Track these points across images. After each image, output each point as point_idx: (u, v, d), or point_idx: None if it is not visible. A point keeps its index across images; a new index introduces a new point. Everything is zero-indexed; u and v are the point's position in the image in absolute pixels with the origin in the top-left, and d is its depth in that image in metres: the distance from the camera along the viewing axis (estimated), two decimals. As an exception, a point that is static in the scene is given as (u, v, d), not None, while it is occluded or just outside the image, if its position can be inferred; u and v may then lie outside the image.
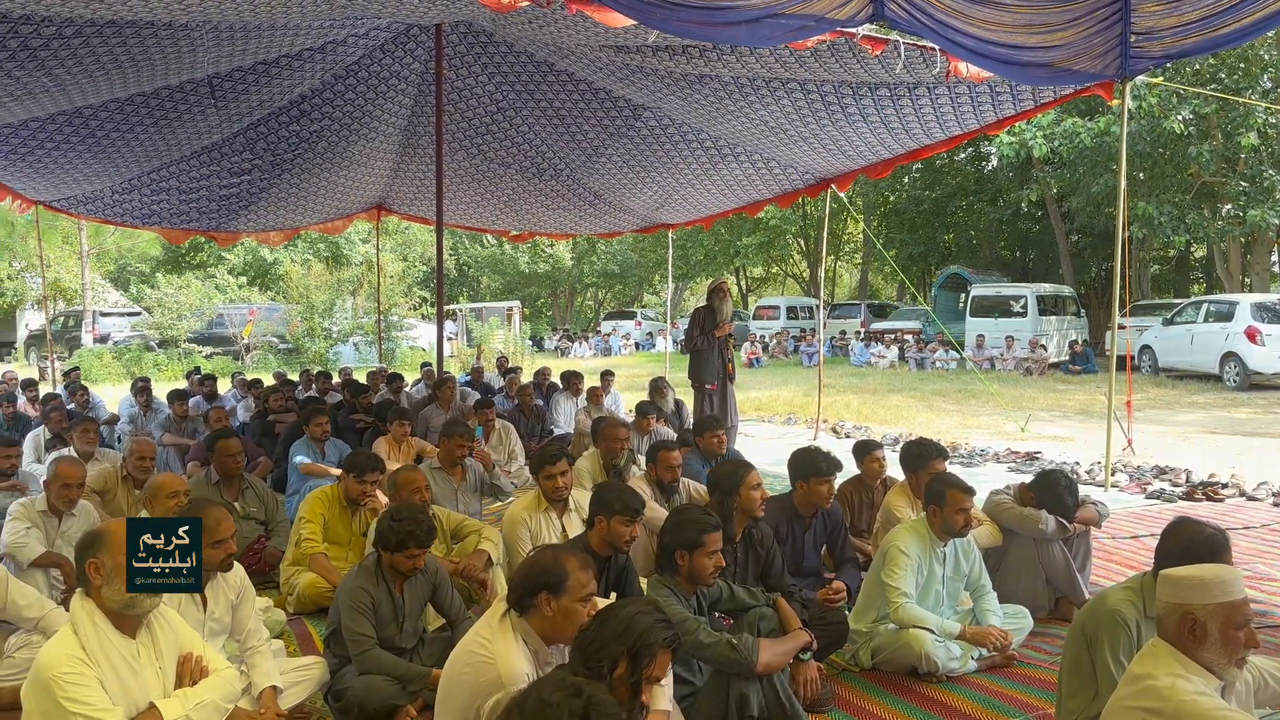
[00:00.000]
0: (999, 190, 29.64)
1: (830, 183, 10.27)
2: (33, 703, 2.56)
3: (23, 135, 8.23)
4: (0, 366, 22.55)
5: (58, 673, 2.52)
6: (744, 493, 4.22)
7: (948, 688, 3.94)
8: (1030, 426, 11.94)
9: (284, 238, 14.91)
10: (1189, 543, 2.98)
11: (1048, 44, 5.78)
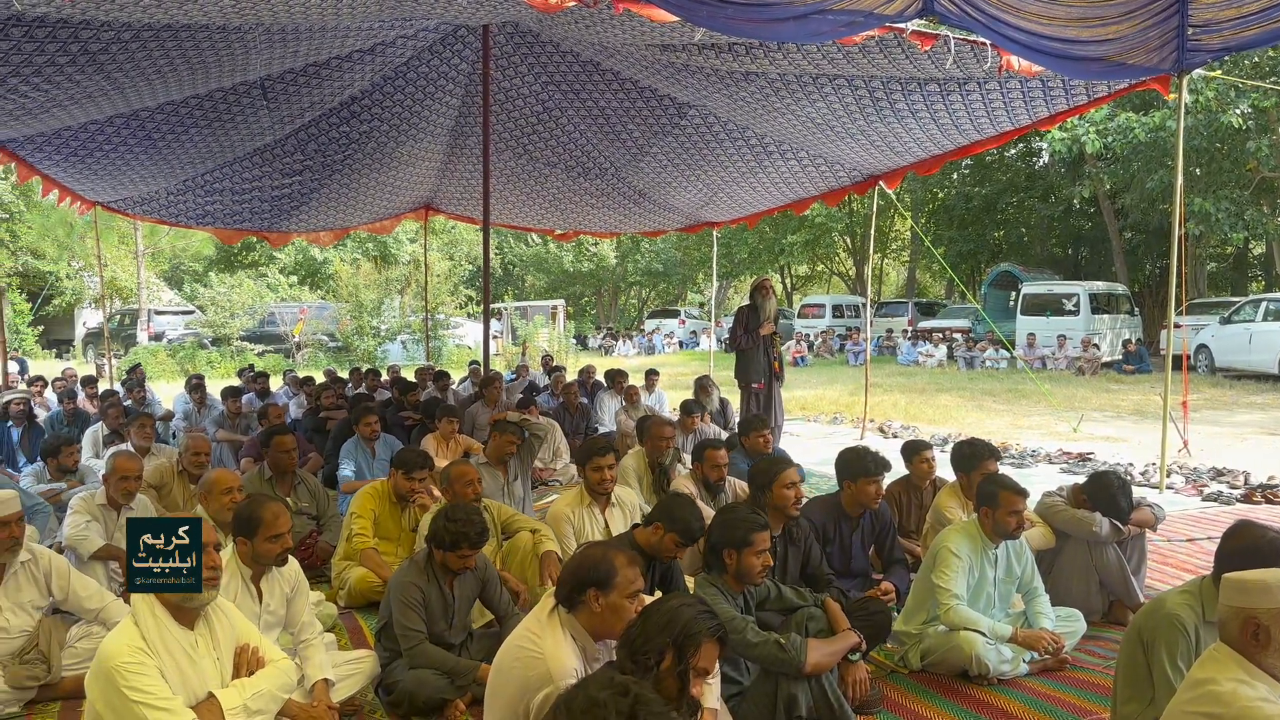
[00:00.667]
0: (1050, 186, 29.15)
1: (878, 179, 10.17)
2: (96, 691, 2.63)
3: (82, 138, 8.43)
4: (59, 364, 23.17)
5: (120, 662, 2.58)
6: (776, 490, 4.18)
7: (998, 690, 3.89)
8: (1083, 427, 11.74)
9: (334, 238, 15.12)
10: (1252, 546, 2.91)
11: (1102, 37, 5.67)
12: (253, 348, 26.31)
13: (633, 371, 11.82)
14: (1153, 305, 26.26)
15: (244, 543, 3.44)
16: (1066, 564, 4.74)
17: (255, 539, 3.41)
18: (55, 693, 3.83)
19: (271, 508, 3.47)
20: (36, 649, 3.80)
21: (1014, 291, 25.07)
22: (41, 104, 6.99)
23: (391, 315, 28.54)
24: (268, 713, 2.84)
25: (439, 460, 6.66)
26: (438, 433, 7.59)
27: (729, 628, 3.25)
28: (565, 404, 10.48)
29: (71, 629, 4.01)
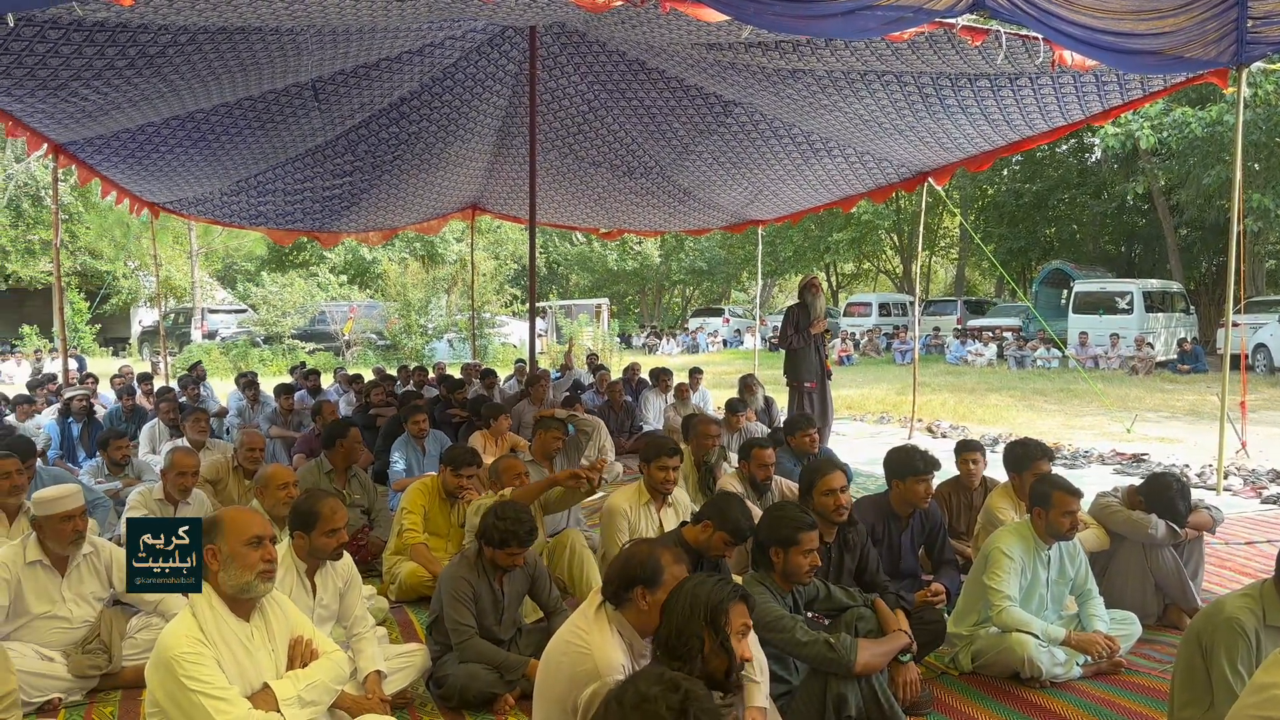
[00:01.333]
0: (1103, 183, 28.62)
1: (927, 176, 10.06)
2: (155, 681, 2.69)
3: (139, 140, 8.63)
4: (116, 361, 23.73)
5: (178, 653, 2.64)
6: (816, 496, 4.12)
7: (1051, 693, 3.83)
8: (1136, 428, 11.51)
9: (383, 237, 15.31)
10: None
11: (1158, 31, 5.56)
12: (304, 346, 26.72)
13: (677, 370, 11.82)
14: (1209, 303, 25.68)
15: (301, 537, 3.50)
16: (1121, 566, 4.66)
17: (313, 534, 3.47)
18: (116, 682, 3.93)
19: (329, 503, 3.52)
20: (98, 639, 3.90)
21: (1065, 289, 24.65)
22: (101, 106, 7.17)
23: (438, 314, 28.82)
24: (321, 704, 2.89)
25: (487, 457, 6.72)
26: (490, 430, 7.65)
27: (777, 627, 3.25)
28: (610, 402, 10.51)
29: (131, 620, 4.11)
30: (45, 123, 7.43)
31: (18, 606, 3.77)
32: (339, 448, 5.90)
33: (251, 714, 2.66)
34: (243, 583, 2.81)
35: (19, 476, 4.56)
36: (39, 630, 3.80)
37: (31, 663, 3.67)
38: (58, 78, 6.30)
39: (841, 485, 4.16)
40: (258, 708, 2.70)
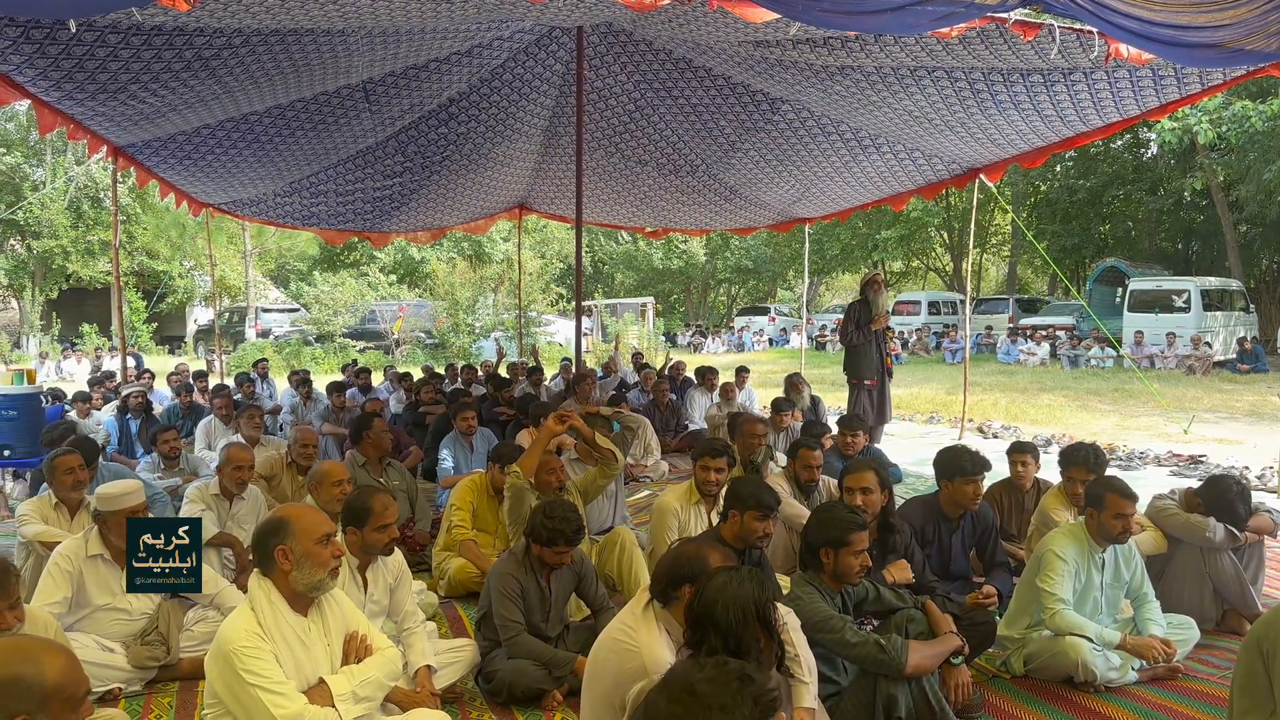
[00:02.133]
0: (1159, 178, 28.01)
1: (979, 172, 9.91)
2: (215, 673, 2.75)
3: (195, 142, 8.80)
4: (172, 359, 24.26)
5: (238, 646, 2.70)
6: (843, 494, 4.12)
7: (1106, 698, 3.77)
8: (1194, 428, 11.26)
9: (432, 237, 15.45)
10: None
11: (1218, 23, 5.42)
12: (354, 344, 27.10)
13: (722, 369, 11.79)
14: (1269, 302, 25.05)
15: (354, 532, 3.55)
16: (1179, 570, 4.56)
17: (365, 529, 3.53)
18: (174, 673, 4.02)
19: (381, 498, 3.58)
20: (156, 631, 4.00)
21: (1120, 287, 24.19)
22: (158, 108, 7.33)
23: (485, 313, 29.06)
24: (374, 699, 2.93)
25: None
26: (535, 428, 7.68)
27: (826, 627, 3.23)
28: (655, 401, 10.52)
29: (189, 613, 4.20)
30: (105, 125, 7.60)
31: (80, 598, 3.88)
32: (366, 439, 6.03)
33: (307, 709, 2.70)
34: (316, 580, 2.87)
35: (82, 472, 4.69)
36: (100, 622, 3.91)
37: (93, 653, 3.76)
38: (117, 80, 6.44)
39: (866, 485, 4.13)
40: (313, 702, 2.74)
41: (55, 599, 3.76)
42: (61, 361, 24.45)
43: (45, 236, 32.38)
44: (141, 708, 3.81)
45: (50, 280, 33.93)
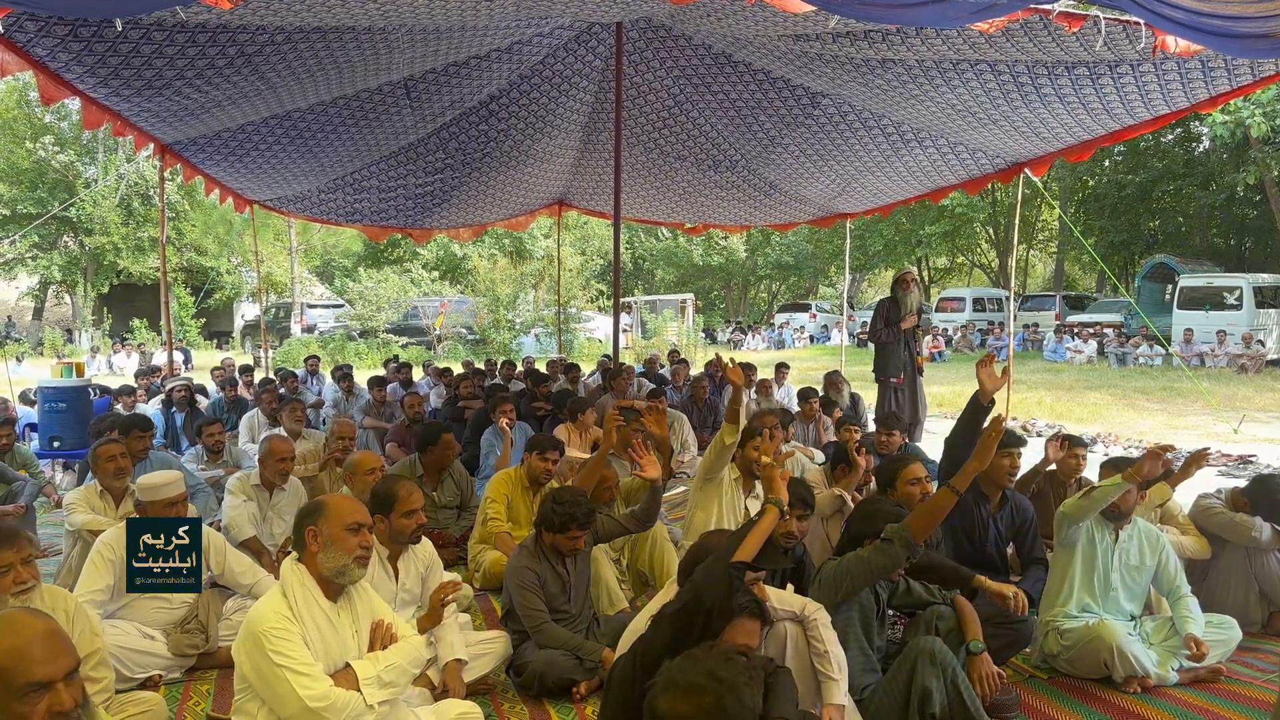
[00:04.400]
0: (1211, 173, 27.40)
1: (1024, 167, 9.76)
2: (244, 655, 2.79)
3: (240, 139, 8.94)
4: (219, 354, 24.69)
5: (267, 628, 2.74)
6: (900, 488, 4.12)
7: (1144, 699, 3.70)
8: (1244, 428, 11.00)
9: (473, 234, 15.56)
10: None
11: (1270, 13, 5.27)
12: (397, 340, 27.38)
13: (761, 366, 11.74)
14: (1326, 299, 24.37)
15: (381, 520, 3.59)
16: (1223, 570, 4.47)
17: (392, 515, 3.58)
18: (213, 661, 4.09)
19: (405, 485, 3.63)
20: (196, 619, 4.07)
21: (1170, 284, 23.70)
22: (203, 105, 7.45)
23: (526, 309, 29.22)
24: (398, 685, 2.95)
25: (571, 449, 6.81)
26: (573, 423, 7.72)
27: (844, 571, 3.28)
28: (693, 397, 10.51)
29: (227, 602, 4.27)
30: (152, 122, 7.75)
31: (121, 586, 3.95)
32: (431, 453, 5.96)
33: (333, 691, 2.73)
34: (339, 565, 2.90)
35: (123, 460, 4.78)
36: (141, 609, 3.98)
37: (134, 640, 3.84)
38: (162, 77, 6.56)
39: (924, 475, 4.13)
40: (339, 685, 2.77)
41: (98, 587, 3.83)
42: (112, 356, 24.99)
43: (97, 233, 33.14)
44: (181, 694, 3.88)
45: (102, 276, 34.72)
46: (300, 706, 2.67)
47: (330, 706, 2.70)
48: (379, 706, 2.81)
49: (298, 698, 2.67)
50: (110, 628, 3.71)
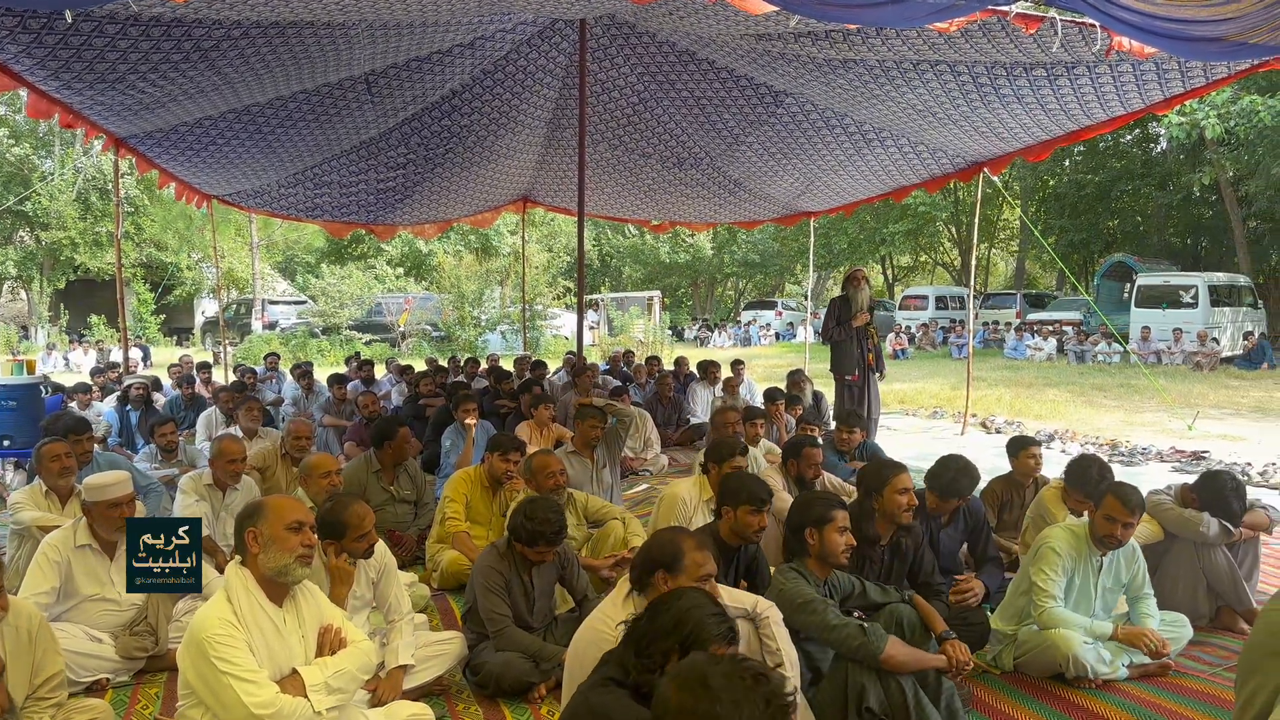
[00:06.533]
0: (1168, 173, 27.90)
1: (983, 166, 9.88)
2: (187, 661, 2.74)
3: (197, 133, 8.81)
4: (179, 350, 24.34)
5: (210, 634, 2.68)
6: (888, 495, 4.00)
7: (1096, 695, 3.74)
8: (1199, 425, 11.20)
9: (438, 230, 15.46)
10: None
11: (1221, 16, 5.37)
12: (360, 337, 27.14)
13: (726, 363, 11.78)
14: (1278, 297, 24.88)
15: (331, 544, 3.51)
16: (1173, 566, 4.54)
17: (343, 541, 3.51)
18: (162, 664, 4.01)
19: (356, 510, 3.54)
20: (145, 622, 4.00)
21: (1128, 283, 24.08)
22: (158, 99, 7.33)
23: (492, 306, 29.08)
24: (347, 692, 2.92)
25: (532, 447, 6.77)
26: (533, 420, 7.69)
27: (808, 609, 3.22)
28: (658, 395, 10.51)
29: (178, 604, 4.20)
30: (105, 115, 7.61)
31: (68, 588, 3.89)
32: (388, 448, 5.89)
33: (279, 698, 2.69)
34: (281, 565, 2.85)
35: (68, 459, 4.70)
36: (88, 612, 3.91)
37: (81, 643, 3.77)
38: (115, 71, 6.44)
39: (912, 486, 4.07)
40: (286, 692, 2.73)
41: (43, 589, 3.77)
42: (69, 353, 24.55)
43: (54, 228, 32.52)
44: (129, 698, 3.81)
45: (58, 271, 34.08)
46: (245, 714, 2.62)
47: (276, 714, 2.65)
48: (327, 713, 2.77)
49: (243, 705, 2.62)
50: (57, 631, 3.64)
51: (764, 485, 3.85)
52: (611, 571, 4.66)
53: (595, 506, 5.41)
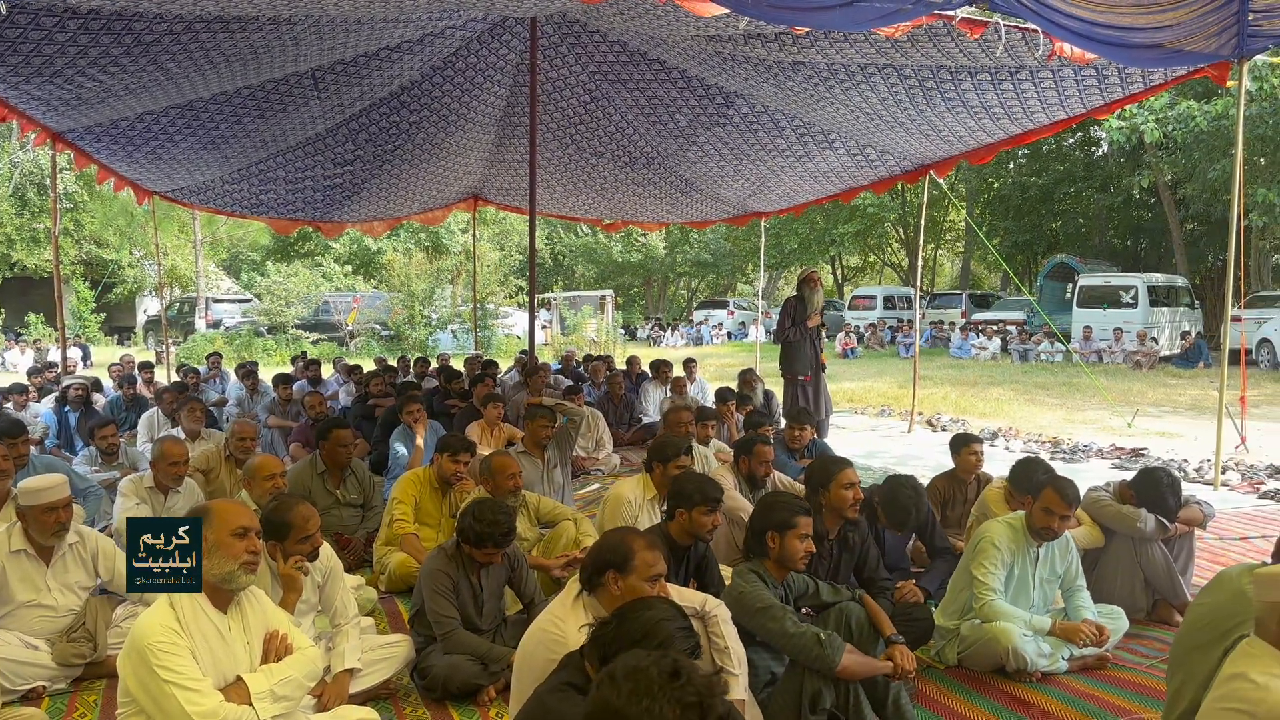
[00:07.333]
0: (1109, 176, 28.56)
1: (929, 169, 10.03)
2: (128, 669, 2.67)
3: (138, 128, 8.62)
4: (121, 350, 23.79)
5: (152, 641, 2.63)
6: (834, 490, 4.05)
7: (1036, 688, 3.82)
8: (1138, 422, 11.47)
9: (386, 227, 15.30)
10: None
11: (1158, 24, 5.52)
12: (307, 336, 26.74)
13: (676, 362, 11.82)
14: (1214, 298, 25.59)
15: (274, 546, 3.44)
16: (1111, 561, 4.64)
17: (286, 543, 3.44)
18: (101, 670, 3.91)
19: (300, 511, 3.47)
20: (83, 628, 3.90)
21: (1070, 283, 24.61)
22: (97, 94, 7.16)
23: (443, 305, 28.84)
24: (293, 699, 2.87)
25: (483, 448, 6.72)
26: (482, 420, 7.65)
27: (767, 615, 3.23)
28: (610, 394, 10.51)
29: (117, 609, 4.11)
30: (41, 110, 7.42)
31: (2, 595, 3.77)
32: (323, 449, 5.80)
33: (223, 706, 2.64)
34: (225, 572, 2.80)
35: (3, 462, 4.57)
36: (24, 619, 3.80)
37: (16, 651, 3.66)
38: (53, 64, 6.29)
39: (857, 480, 4.14)
40: (230, 700, 2.68)
41: (-25, 595, 3.67)
42: (5, 352, 23.86)
43: (-11, 223, 31.59)
44: (66, 706, 3.71)
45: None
46: None
47: None
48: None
49: (185, 714, 2.57)
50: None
51: (716, 485, 3.87)
52: (562, 571, 4.65)
53: (547, 507, 5.39)
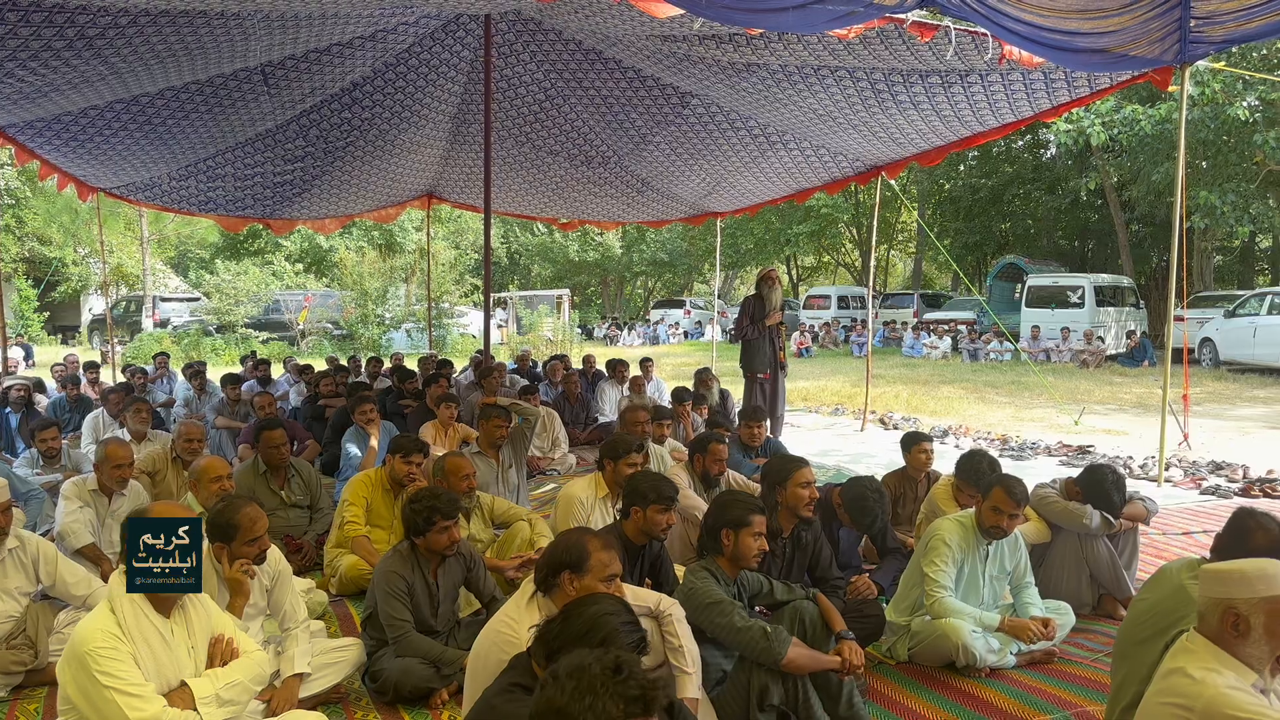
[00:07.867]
0: (1057, 178, 29.10)
1: (881, 170, 10.14)
2: (68, 675, 2.62)
3: (82, 123, 8.42)
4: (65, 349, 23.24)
5: (93, 647, 2.57)
6: (790, 489, 4.10)
7: (985, 683, 3.88)
8: (1084, 420, 11.70)
9: (338, 225, 15.10)
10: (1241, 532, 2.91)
11: (1103, 30, 5.63)
12: (257, 335, 26.35)
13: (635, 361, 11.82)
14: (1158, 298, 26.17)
15: (221, 548, 3.38)
16: (1057, 556, 4.74)
17: (232, 545, 3.37)
18: (42, 678, 3.82)
19: (247, 513, 3.40)
20: (24, 634, 3.81)
21: (1019, 284, 25.04)
22: (39, 88, 6.98)
23: (396, 304, 28.57)
24: (239, 703, 2.83)
25: (436, 448, 6.67)
26: (436, 420, 7.58)
27: (716, 610, 3.24)
28: (566, 393, 10.49)
29: (59, 615, 4.01)
30: (-20, 104, 7.23)
31: (-60, 601, 3.67)
32: (260, 449, 5.76)
33: (167, 712, 2.59)
34: None
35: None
36: (-39, 626, 3.71)
37: (-48, 658, 3.57)
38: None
39: (814, 479, 4.17)
40: (174, 705, 2.64)
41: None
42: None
43: (-75, 220, 30.69)
44: (5, 714, 3.62)
45: (-70, 266, 32.18)
46: None
47: None
48: None
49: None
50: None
51: (671, 484, 3.87)
52: (517, 573, 4.63)
53: (501, 508, 5.37)
